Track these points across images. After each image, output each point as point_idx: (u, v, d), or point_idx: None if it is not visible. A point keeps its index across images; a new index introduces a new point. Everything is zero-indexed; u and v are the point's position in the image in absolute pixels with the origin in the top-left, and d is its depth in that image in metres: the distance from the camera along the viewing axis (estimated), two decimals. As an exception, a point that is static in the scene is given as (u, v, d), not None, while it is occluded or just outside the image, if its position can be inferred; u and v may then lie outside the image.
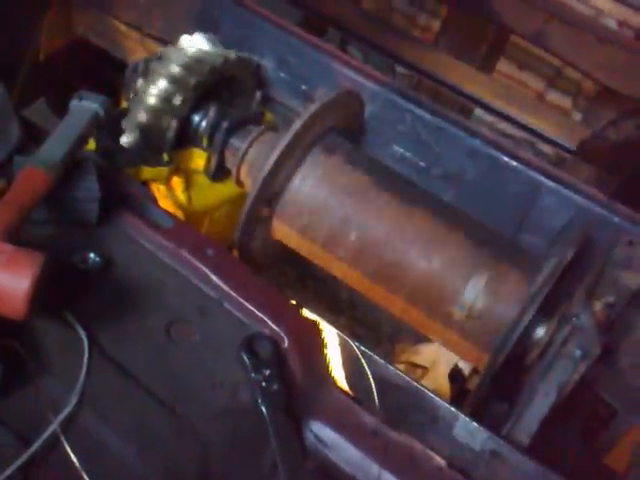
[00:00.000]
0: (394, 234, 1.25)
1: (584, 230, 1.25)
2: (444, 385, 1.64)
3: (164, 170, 1.41)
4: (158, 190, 1.40)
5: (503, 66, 3.01)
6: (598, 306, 1.14)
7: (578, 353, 1.07)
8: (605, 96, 2.27)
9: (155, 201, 1.26)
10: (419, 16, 3.15)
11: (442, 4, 2.92)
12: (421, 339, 1.74)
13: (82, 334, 0.97)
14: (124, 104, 1.44)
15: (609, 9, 2.32)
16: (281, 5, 2.20)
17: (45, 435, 0.85)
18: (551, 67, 2.89)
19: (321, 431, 1.02)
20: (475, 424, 1.06)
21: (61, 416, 0.87)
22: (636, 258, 1.22)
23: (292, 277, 1.90)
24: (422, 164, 1.45)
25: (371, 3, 3.00)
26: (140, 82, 1.38)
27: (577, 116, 2.60)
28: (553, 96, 2.97)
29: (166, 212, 1.23)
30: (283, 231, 1.33)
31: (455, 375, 1.69)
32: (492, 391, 1.12)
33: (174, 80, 1.35)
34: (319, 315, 1.23)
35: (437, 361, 1.67)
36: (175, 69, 1.36)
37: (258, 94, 1.54)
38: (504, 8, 2.36)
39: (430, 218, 1.24)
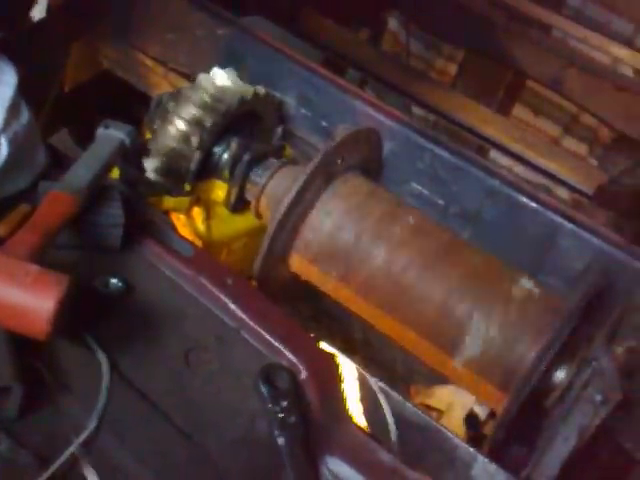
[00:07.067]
0: (413, 268, 1.25)
1: (604, 273, 1.25)
2: (459, 429, 1.61)
3: (185, 200, 1.43)
4: (178, 219, 1.41)
5: (519, 111, 3.05)
6: (619, 350, 1.13)
7: (598, 397, 1.06)
8: (621, 143, 2.29)
9: (176, 229, 1.27)
10: (436, 60, 3.21)
11: (459, 49, 2.98)
12: (436, 381, 1.72)
13: (103, 357, 0.97)
14: (147, 136, 1.46)
15: (627, 57, 2.35)
16: (304, 45, 2.24)
17: (65, 456, 0.85)
18: (567, 113, 2.92)
19: (338, 467, 1.00)
20: (494, 465, 1.05)
21: (81, 437, 0.86)
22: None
23: (306, 314, 1.89)
24: (440, 202, 1.45)
25: (390, 46, 3.06)
26: (169, 108, 1.40)
27: (593, 163, 2.62)
28: (569, 142, 3.00)
29: (187, 240, 1.24)
30: (301, 264, 1.34)
31: (471, 419, 1.66)
32: (510, 433, 1.10)
33: (204, 106, 1.38)
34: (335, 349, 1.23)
35: (452, 404, 1.64)
36: (205, 96, 1.39)
37: (280, 129, 1.56)
38: (522, 54, 2.41)
39: (451, 253, 1.25)
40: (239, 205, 1.42)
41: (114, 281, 1.09)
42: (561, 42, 2.49)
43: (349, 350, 1.80)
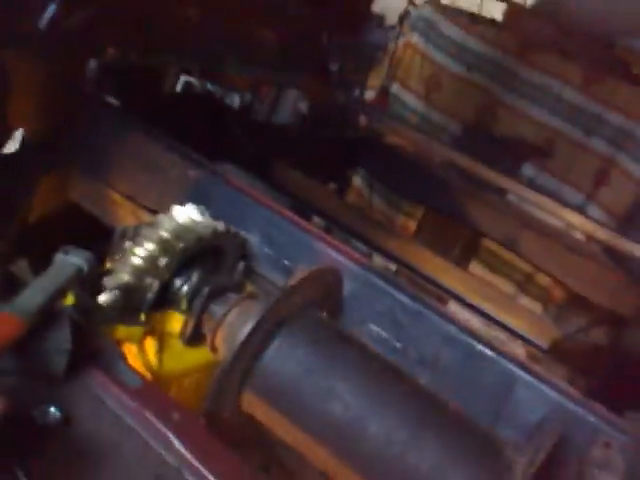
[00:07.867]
0: (369, 416, 1.21)
1: (559, 427, 1.23)
2: None
3: (138, 330, 1.39)
4: (129, 350, 1.37)
5: (475, 269, 3.15)
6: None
7: None
8: (574, 303, 2.36)
9: (126, 360, 1.23)
10: (397, 216, 3.36)
11: (418, 207, 3.12)
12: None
13: (26, 491, 0.90)
14: (108, 266, 1.46)
15: (578, 223, 2.49)
16: (271, 191, 2.33)
17: None
18: (521, 273, 3.03)
19: None
20: None
21: None
22: (613, 460, 1.19)
23: (256, 461, 1.79)
24: (398, 345, 1.44)
25: (354, 199, 3.21)
26: (128, 244, 1.42)
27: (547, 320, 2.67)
28: (523, 301, 3.08)
29: (135, 371, 1.19)
30: (254, 403, 1.29)
31: None
32: None
33: (161, 244, 1.39)
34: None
35: None
36: (163, 234, 1.41)
37: (241, 265, 1.57)
38: (478, 214, 2.53)
39: (408, 404, 1.22)
40: (195, 338, 1.39)
41: (52, 411, 1.03)
42: (516, 205, 2.64)
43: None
